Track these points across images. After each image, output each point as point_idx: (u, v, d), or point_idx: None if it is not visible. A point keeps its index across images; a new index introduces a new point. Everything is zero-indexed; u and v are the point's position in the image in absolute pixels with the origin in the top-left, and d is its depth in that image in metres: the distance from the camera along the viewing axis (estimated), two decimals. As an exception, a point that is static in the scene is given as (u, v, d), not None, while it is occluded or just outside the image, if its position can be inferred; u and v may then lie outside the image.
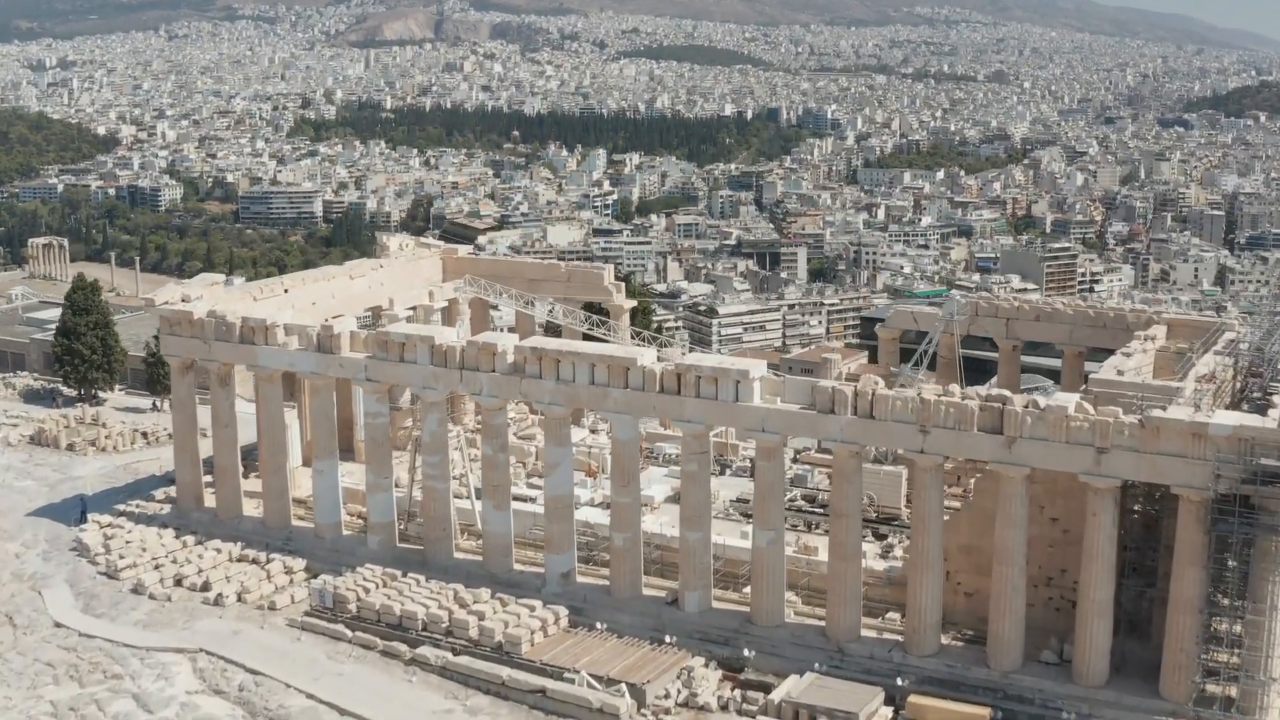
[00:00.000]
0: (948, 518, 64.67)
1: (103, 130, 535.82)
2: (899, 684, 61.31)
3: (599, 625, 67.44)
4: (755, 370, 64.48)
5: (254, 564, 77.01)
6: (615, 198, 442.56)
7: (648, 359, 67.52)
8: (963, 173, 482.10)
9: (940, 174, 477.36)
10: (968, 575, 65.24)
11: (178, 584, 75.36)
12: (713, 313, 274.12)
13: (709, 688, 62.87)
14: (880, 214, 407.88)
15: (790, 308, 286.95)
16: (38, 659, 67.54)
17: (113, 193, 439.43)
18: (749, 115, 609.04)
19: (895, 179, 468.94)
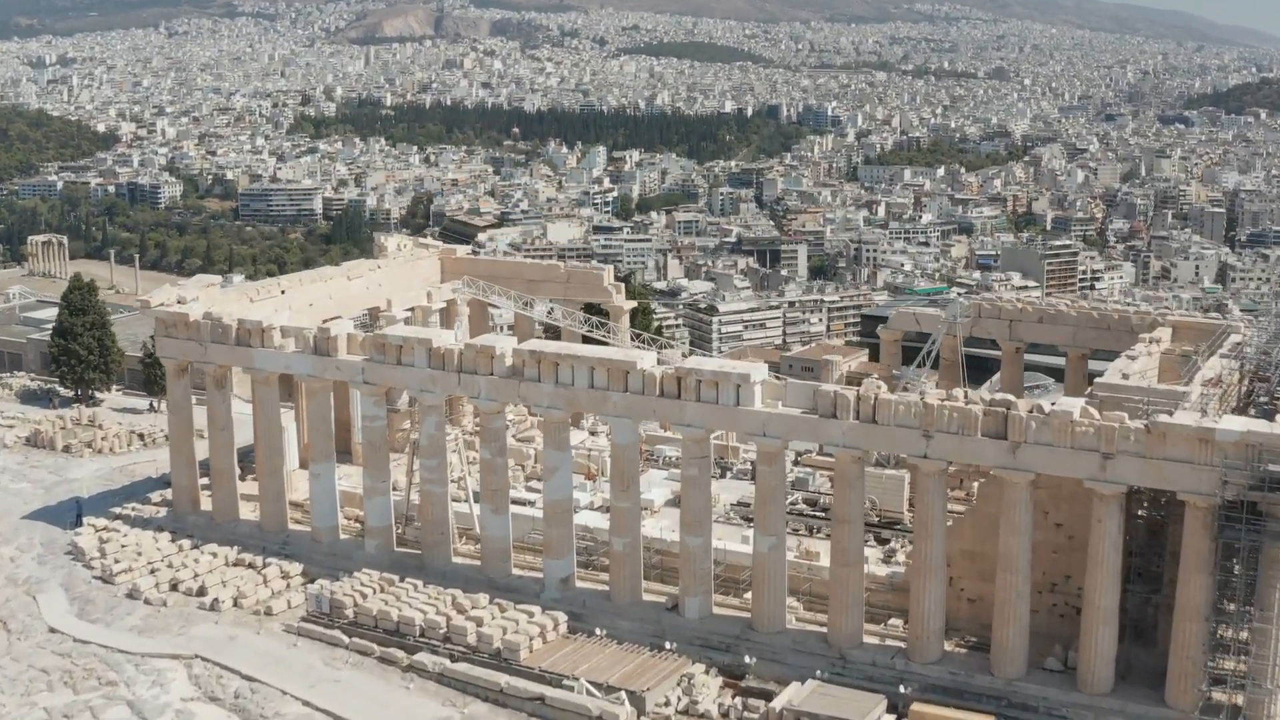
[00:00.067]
0: (951, 523, 64.05)
1: (102, 127, 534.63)
2: (902, 691, 60.66)
3: (598, 631, 66.83)
4: (756, 374, 63.82)
5: (250, 568, 76.38)
6: (615, 195, 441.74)
7: (647, 362, 66.83)
8: (963, 170, 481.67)
9: (941, 171, 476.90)
10: (971, 581, 64.65)
11: (173, 588, 74.81)
12: (713, 310, 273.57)
13: (709, 695, 62.28)
14: (881, 211, 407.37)
15: (790, 305, 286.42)
16: (32, 665, 66.99)
17: (112, 190, 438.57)
18: (749, 112, 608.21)
19: (896, 176, 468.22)
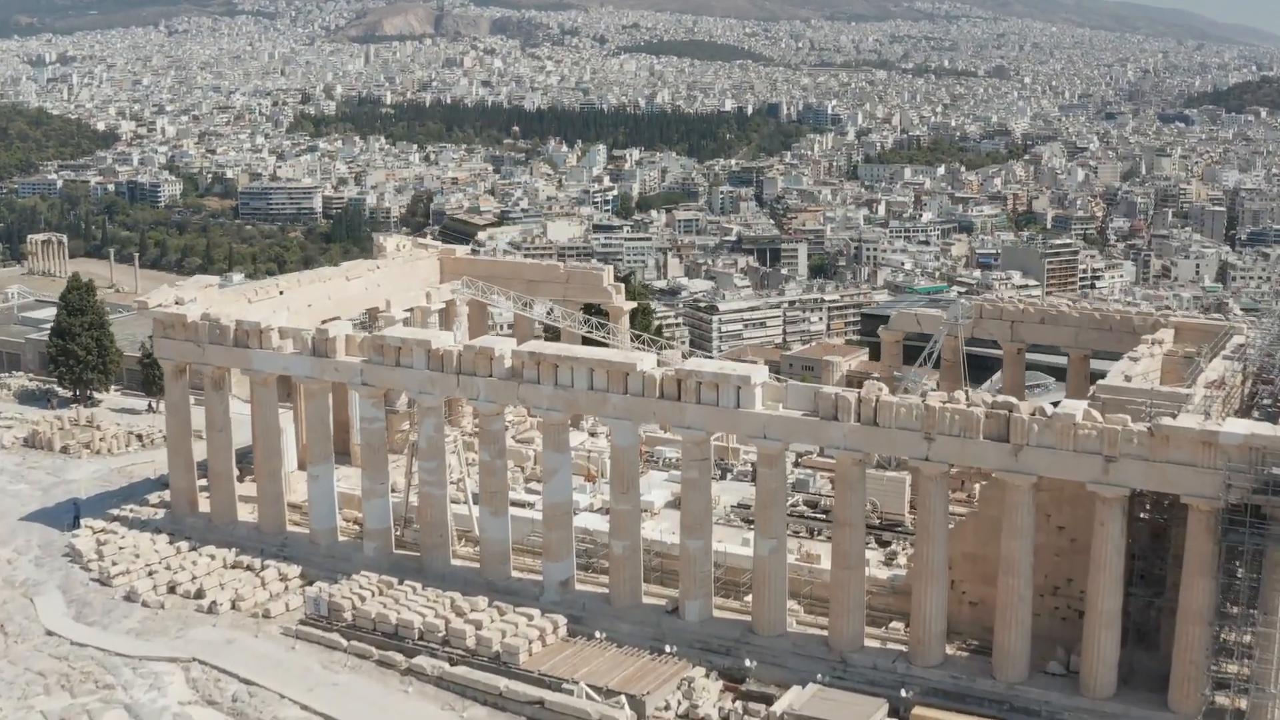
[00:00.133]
0: (952, 526, 63.70)
1: (102, 126, 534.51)
2: (903, 695, 60.32)
3: (598, 634, 66.45)
4: (757, 376, 63.46)
5: (248, 570, 75.98)
6: (615, 193, 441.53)
7: (647, 364, 66.46)
8: (963, 168, 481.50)
9: (941, 170, 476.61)
10: (973, 584, 64.26)
11: (171, 591, 74.42)
12: (713, 309, 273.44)
13: (710, 699, 61.95)
14: (881, 210, 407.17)
15: (791, 304, 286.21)
16: (29, 668, 66.60)
17: (112, 189, 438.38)
18: (749, 111, 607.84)
19: (896, 175, 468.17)
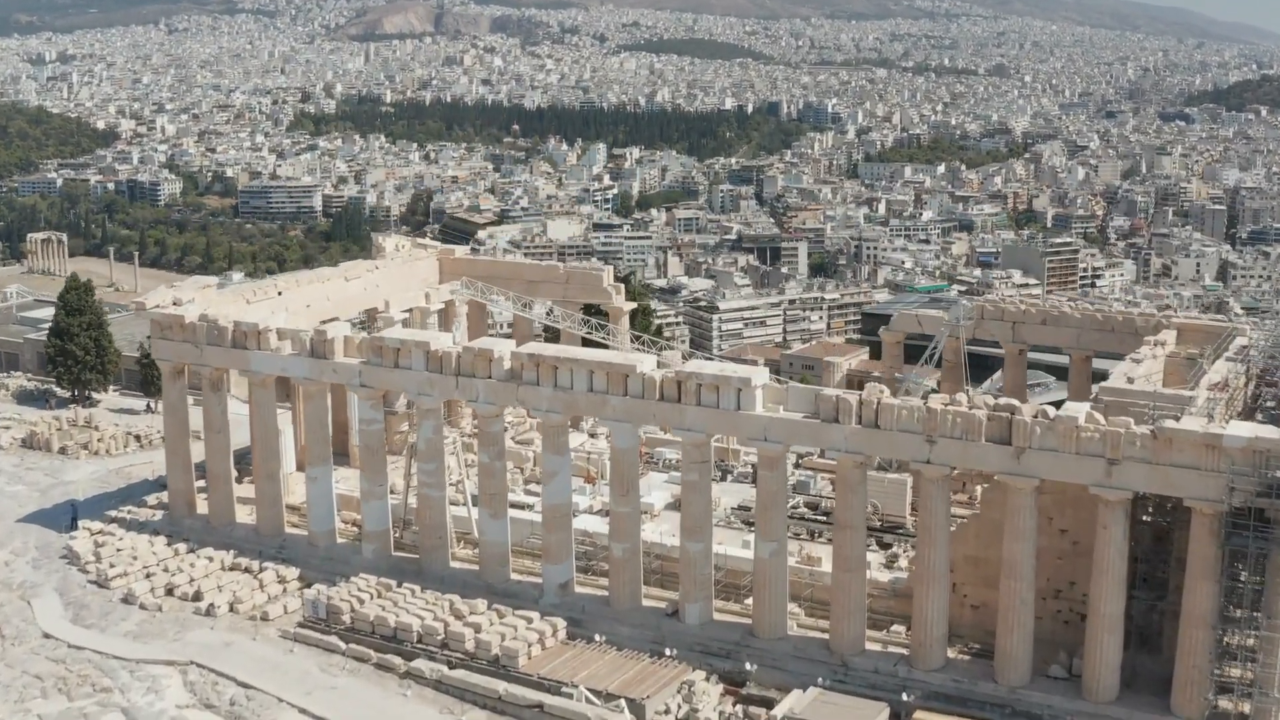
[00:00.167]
0: (954, 528, 63.36)
1: (102, 124, 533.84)
2: (904, 699, 60.06)
3: (598, 637, 66.16)
4: (757, 378, 63.13)
5: (246, 572, 75.69)
6: (615, 192, 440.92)
7: (647, 366, 66.15)
8: (963, 167, 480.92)
9: (941, 168, 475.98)
10: (974, 587, 63.95)
11: (169, 593, 74.13)
12: (713, 308, 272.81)
13: (710, 703, 61.64)
14: (881, 208, 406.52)
15: (791, 303, 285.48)
16: (26, 671, 66.35)
17: (112, 187, 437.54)
18: (749, 109, 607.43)
19: (896, 173, 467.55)
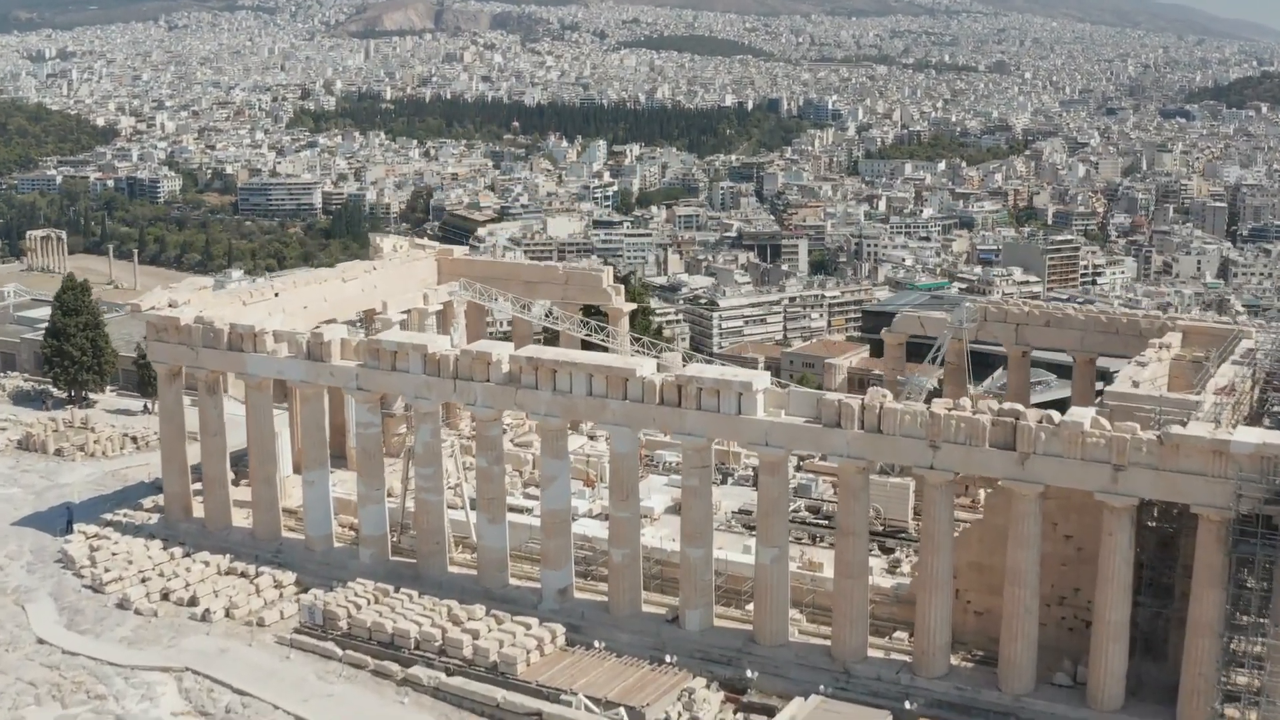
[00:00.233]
0: (958, 534, 62.68)
1: (102, 121, 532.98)
2: (907, 707, 59.46)
3: (597, 644, 65.53)
4: (758, 382, 62.47)
5: (243, 577, 75.05)
6: (615, 189, 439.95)
7: (647, 369, 65.47)
8: (964, 164, 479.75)
9: (941, 165, 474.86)
10: (978, 594, 63.28)
11: (164, 598, 73.50)
12: (713, 306, 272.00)
13: (711, 711, 61.04)
14: (881, 205, 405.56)
15: (791, 301, 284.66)
16: (19, 678, 65.77)
17: (111, 184, 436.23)
18: (749, 106, 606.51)
19: (896, 170, 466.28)
